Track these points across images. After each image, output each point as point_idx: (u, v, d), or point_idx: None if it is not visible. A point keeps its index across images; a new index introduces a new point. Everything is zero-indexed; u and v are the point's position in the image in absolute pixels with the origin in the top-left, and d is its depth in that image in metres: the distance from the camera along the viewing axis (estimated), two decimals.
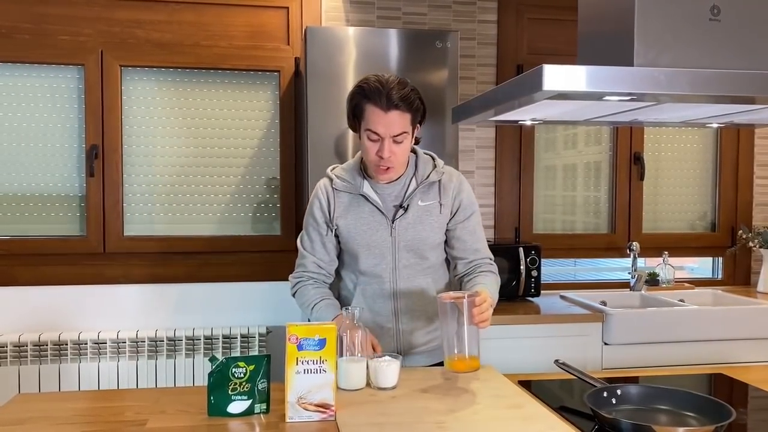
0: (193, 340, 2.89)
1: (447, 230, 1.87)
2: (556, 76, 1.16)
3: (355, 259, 1.83)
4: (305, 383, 1.41)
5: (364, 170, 1.83)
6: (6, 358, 2.75)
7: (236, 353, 2.89)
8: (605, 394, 1.50)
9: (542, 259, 3.18)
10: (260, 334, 2.93)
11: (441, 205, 1.83)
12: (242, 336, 2.92)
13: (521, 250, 2.95)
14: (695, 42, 1.38)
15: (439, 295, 1.61)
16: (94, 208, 2.92)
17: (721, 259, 3.53)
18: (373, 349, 1.71)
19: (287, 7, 3.03)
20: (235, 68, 3.01)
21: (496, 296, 1.78)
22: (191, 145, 3.02)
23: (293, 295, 1.90)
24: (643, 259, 3.35)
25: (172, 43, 2.95)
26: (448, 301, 1.57)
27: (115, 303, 2.95)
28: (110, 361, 2.83)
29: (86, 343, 2.81)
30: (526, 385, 1.70)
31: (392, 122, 1.67)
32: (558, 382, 1.75)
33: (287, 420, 1.39)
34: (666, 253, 3.28)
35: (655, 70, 1.22)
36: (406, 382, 1.64)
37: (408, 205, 1.80)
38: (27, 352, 2.76)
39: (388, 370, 1.60)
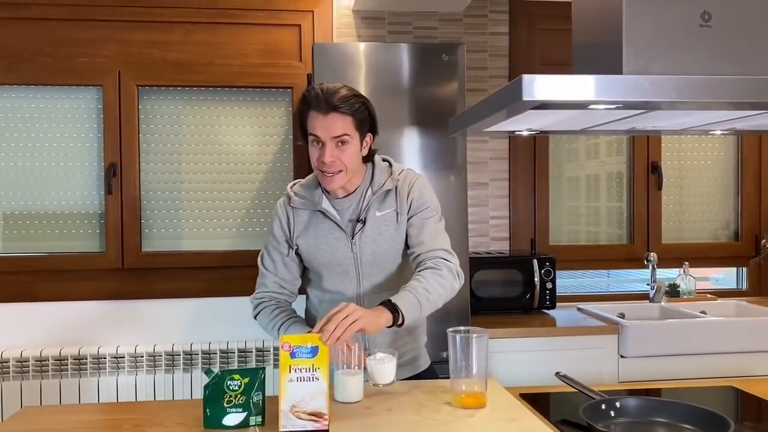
0: (209, 354, 2.93)
1: None
2: (536, 87, 1.16)
3: (319, 277, 1.81)
4: (298, 391, 1.41)
5: (323, 186, 1.78)
6: (28, 372, 2.81)
7: (252, 367, 2.92)
8: (604, 407, 1.48)
9: (562, 271, 3.16)
10: (275, 348, 2.95)
11: (398, 213, 1.77)
12: (257, 350, 2.95)
13: (535, 262, 2.93)
14: (686, 49, 1.37)
15: (448, 330, 1.57)
16: (113, 224, 2.99)
17: (745, 269, 3.45)
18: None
19: (299, 25, 3.07)
20: (249, 86, 3.06)
21: (433, 294, 1.66)
22: (207, 161, 3.08)
23: (255, 317, 1.84)
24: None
25: (187, 63, 3.02)
26: (455, 335, 1.54)
27: (133, 318, 3.00)
28: (128, 375, 2.87)
29: (105, 358, 2.86)
30: (529, 398, 1.68)
31: (332, 125, 1.65)
32: (563, 394, 1.72)
33: (281, 429, 1.40)
34: (686, 263, 3.22)
35: (639, 78, 1.21)
36: (402, 395, 1.63)
37: (365, 218, 1.75)
38: (48, 366, 2.83)
39: (385, 367, 1.63)
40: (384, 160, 1.85)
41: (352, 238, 1.76)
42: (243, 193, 3.11)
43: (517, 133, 1.76)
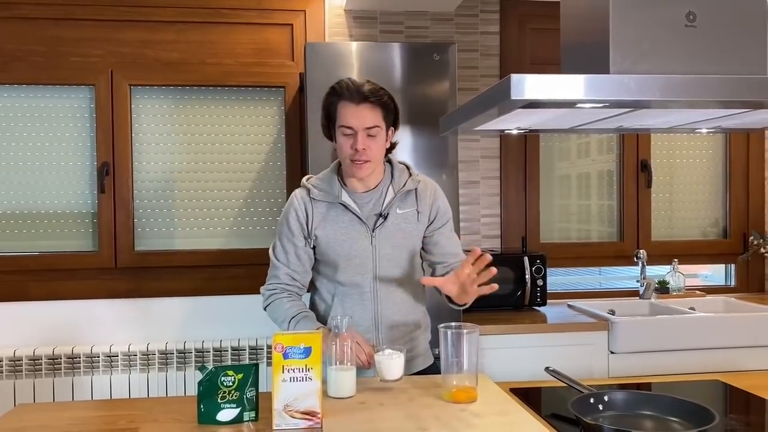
0: (203, 352, 2.94)
1: (424, 237, 1.89)
2: (524, 86, 1.18)
3: (334, 269, 1.84)
4: (291, 391, 1.43)
5: (340, 179, 1.85)
6: (21, 371, 2.82)
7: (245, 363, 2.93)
8: (592, 401, 1.50)
9: (553, 268, 3.19)
10: (268, 346, 2.96)
11: (419, 212, 1.85)
12: (251, 348, 2.96)
13: (526, 259, 2.95)
14: (672, 48, 1.39)
15: (439, 326, 1.61)
16: (106, 223, 2.99)
17: (733, 266, 3.49)
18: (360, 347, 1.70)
19: (291, 24, 3.09)
20: (241, 85, 3.07)
21: None
22: (199, 160, 3.09)
23: (265, 309, 1.89)
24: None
25: (179, 62, 3.03)
26: (448, 330, 1.57)
27: (126, 317, 3.01)
28: (122, 374, 2.88)
29: (98, 356, 2.87)
30: (519, 392, 1.70)
31: (364, 115, 1.72)
32: (552, 389, 1.75)
33: (274, 427, 1.42)
34: (676, 260, 3.26)
35: (624, 77, 1.23)
36: (395, 390, 1.66)
37: (387, 214, 1.82)
38: (41, 365, 2.83)
39: (393, 363, 1.65)
40: (400, 162, 1.91)
41: (373, 231, 1.81)
42: (236, 192, 3.12)
43: (506, 131, 1.79)
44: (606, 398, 1.51)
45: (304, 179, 1.90)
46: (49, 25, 2.96)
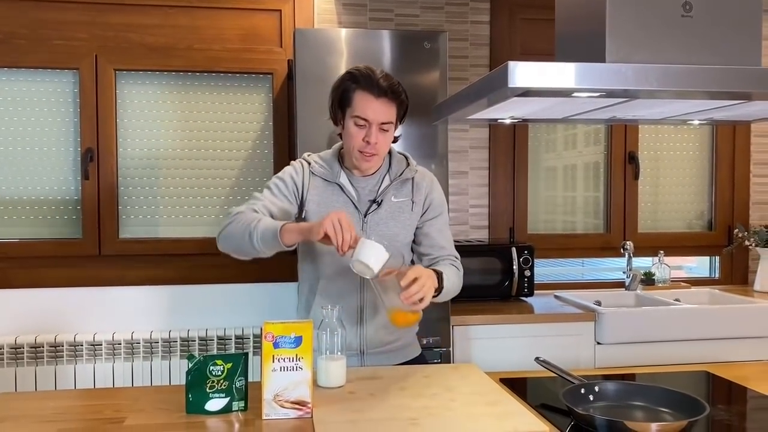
0: (188, 341, 2.91)
1: (416, 227, 1.87)
2: (522, 73, 1.16)
3: (322, 251, 1.80)
4: (281, 381, 1.41)
5: (341, 162, 1.84)
6: (3, 359, 2.77)
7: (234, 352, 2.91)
8: (583, 391, 1.50)
9: (540, 259, 3.19)
10: (254, 335, 2.94)
11: (413, 202, 1.84)
12: (236, 337, 2.94)
13: (514, 250, 2.95)
14: (668, 39, 1.39)
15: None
16: (90, 210, 2.94)
17: (718, 258, 3.52)
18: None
19: (280, 10, 3.05)
20: (228, 71, 3.03)
21: (452, 286, 1.76)
22: (185, 147, 3.05)
23: (220, 234, 1.71)
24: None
25: (165, 47, 2.98)
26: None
27: (110, 305, 2.97)
28: (106, 363, 2.85)
29: (82, 345, 2.83)
30: (509, 382, 1.70)
31: (381, 109, 1.70)
32: (542, 379, 1.75)
33: (264, 417, 1.40)
34: (661, 252, 3.28)
35: (621, 66, 1.22)
36: (385, 380, 1.65)
37: (381, 201, 1.81)
38: (23, 354, 2.79)
39: (374, 250, 1.55)
40: (400, 153, 1.91)
41: (365, 217, 1.80)
42: (222, 179, 3.08)
43: (500, 121, 1.78)
44: (596, 389, 1.51)
45: (305, 154, 1.88)
46: (31, 7, 2.89)
